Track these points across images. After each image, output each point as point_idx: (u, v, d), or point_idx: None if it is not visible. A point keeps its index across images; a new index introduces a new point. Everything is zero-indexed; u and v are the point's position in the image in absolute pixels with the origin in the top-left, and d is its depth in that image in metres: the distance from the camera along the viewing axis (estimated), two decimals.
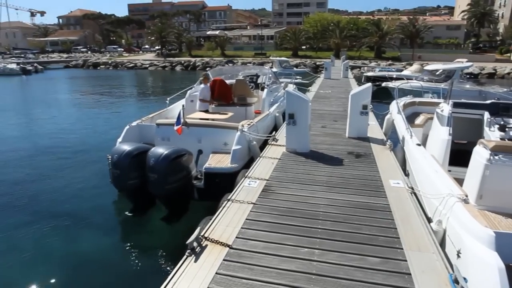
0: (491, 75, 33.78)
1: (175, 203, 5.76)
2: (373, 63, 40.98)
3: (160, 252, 5.06)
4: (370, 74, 24.42)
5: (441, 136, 5.68)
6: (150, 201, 5.97)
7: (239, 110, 9.25)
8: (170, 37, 60.53)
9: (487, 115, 5.89)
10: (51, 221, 6.11)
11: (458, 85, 12.92)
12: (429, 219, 4.20)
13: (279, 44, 58.69)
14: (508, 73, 33.71)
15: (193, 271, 3.03)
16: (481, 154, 3.89)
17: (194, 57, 52.85)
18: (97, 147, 10.61)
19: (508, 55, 46.55)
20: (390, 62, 42.61)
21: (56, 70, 48.89)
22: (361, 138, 7.31)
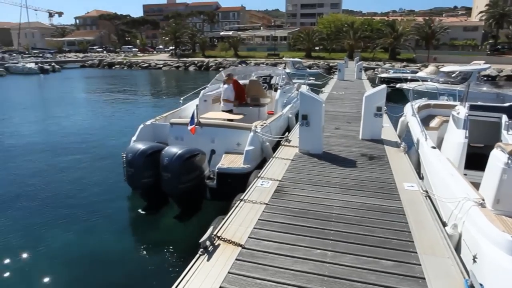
0: (510, 78, 32.93)
1: (188, 202, 5.81)
2: (387, 65, 40.46)
3: (172, 250, 5.11)
4: (384, 75, 24.16)
5: (457, 139, 5.59)
6: (163, 200, 6.04)
7: (252, 110, 9.27)
8: (184, 37, 61.00)
9: (505, 118, 5.77)
10: (66, 216, 6.25)
11: (475, 87, 12.71)
12: (444, 223, 4.14)
13: (292, 45, 58.52)
14: None
15: (206, 269, 3.06)
16: (498, 158, 3.82)
17: (207, 58, 53.14)
18: (111, 145, 10.80)
19: None
20: (404, 63, 42.00)
21: (72, 69, 49.86)
22: (374, 140, 7.24)
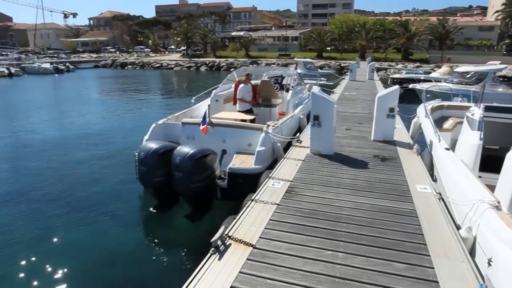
0: None
1: (199, 201, 5.85)
2: (400, 65, 40.00)
3: (183, 248, 5.15)
4: (396, 76, 23.92)
5: (472, 141, 5.50)
6: (174, 199, 6.10)
7: (264, 111, 9.28)
8: (195, 38, 61.39)
9: None
10: (78, 213, 6.36)
11: (490, 88, 12.44)
12: (457, 226, 4.08)
13: (303, 45, 58.36)
14: None
15: (217, 269, 3.08)
16: None
17: (218, 58, 53.38)
18: (124, 144, 10.95)
19: None
20: (417, 64, 41.47)
21: (86, 69, 50.74)
22: (387, 141, 7.17)
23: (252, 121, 8.51)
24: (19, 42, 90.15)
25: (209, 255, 3.26)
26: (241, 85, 9.09)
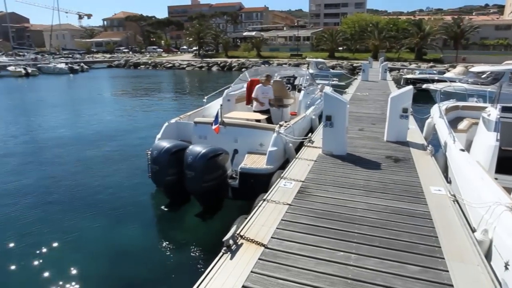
0: None
1: (210, 200, 5.88)
2: (413, 65, 39.47)
3: (193, 247, 5.18)
4: (409, 76, 23.61)
5: (488, 142, 5.40)
6: (185, 198, 6.14)
7: (276, 111, 9.26)
8: (207, 38, 61.71)
9: None
10: (90, 210, 6.45)
11: (507, 88, 12.21)
12: (473, 229, 4.00)
13: (315, 45, 58.11)
14: None
15: (229, 268, 3.08)
16: None
17: (230, 58, 53.53)
18: (136, 142, 11.07)
19: None
20: (431, 64, 40.84)
21: (100, 69, 51.53)
22: (400, 142, 7.08)
23: (269, 119, 8.47)
24: (36, 42, 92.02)
25: (221, 254, 3.27)
26: (259, 86, 8.95)
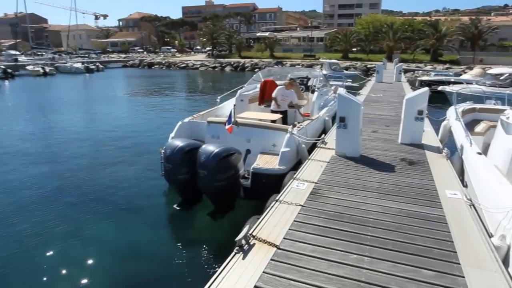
0: None
1: (222, 200, 5.91)
2: (429, 67, 38.84)
3: (205, 246, 5.20)
4: (424, 78, 23.25)
5: (506, 145, 5.29)
6: (197, 197, 6.18)
7: (289, 112, 9.24)
8: (221, 38, 61.96)
9: None
10: (104, 207, 6.54)
11: None
12: (489, 234, 3.91)
13: (329, 46, 57.74)
14: None
15: (241, 268, 3.09)
16: None
17: (243, 58, 53.63)
18: (150, 140, 11.20)
19: None
20: (447, 65, 40.11)
21: (115, 69, 52.34)
22: (414, 144, 6.97)
23: (283, 119, 8.45)
24: (53, 42, 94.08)
25: (233, 254, 3.28)
26: (281, 87, 8.99)
